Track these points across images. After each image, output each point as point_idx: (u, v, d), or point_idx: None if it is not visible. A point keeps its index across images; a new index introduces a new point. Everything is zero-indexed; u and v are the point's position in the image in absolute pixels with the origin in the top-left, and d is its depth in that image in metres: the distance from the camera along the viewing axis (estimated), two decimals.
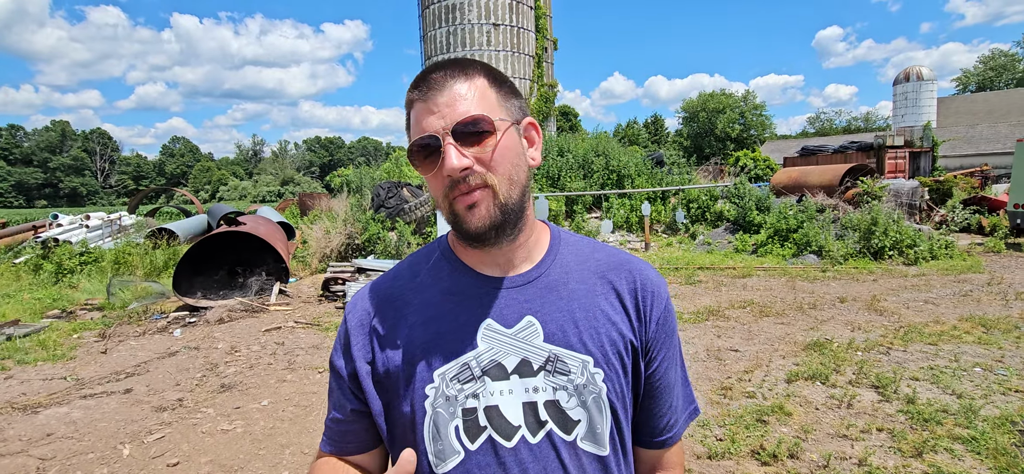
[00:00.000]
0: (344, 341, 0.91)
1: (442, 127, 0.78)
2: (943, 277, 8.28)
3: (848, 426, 3.59)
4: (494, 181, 0.79)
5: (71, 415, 4.29)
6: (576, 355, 0.84)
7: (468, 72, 0.82)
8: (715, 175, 21.66)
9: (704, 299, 7.42)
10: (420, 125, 0.81)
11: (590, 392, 0.84)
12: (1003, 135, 28.47)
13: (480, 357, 0.84)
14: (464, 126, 0.78)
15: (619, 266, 0.92)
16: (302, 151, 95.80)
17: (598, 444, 0.84)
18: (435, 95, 0.80)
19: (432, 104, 0.80)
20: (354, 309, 0.92)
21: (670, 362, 0.93)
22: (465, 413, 0.82)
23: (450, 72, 0.81)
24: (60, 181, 78.93)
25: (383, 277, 0.95)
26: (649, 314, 0.90)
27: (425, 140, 0.79)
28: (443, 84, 0.80)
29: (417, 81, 0.83)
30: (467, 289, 0.88)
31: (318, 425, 4.01)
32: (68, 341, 6.47)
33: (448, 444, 0.82)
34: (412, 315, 0.88)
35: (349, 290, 7.60)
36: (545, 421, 0.82)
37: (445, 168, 0.78)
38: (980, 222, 12.65)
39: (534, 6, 24.16)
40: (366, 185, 14.79)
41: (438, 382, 0.83)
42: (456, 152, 0.77)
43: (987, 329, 5.53)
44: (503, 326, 0.85)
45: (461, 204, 0.80)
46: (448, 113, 0.79)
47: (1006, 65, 51.96)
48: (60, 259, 10.27)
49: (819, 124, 63.80)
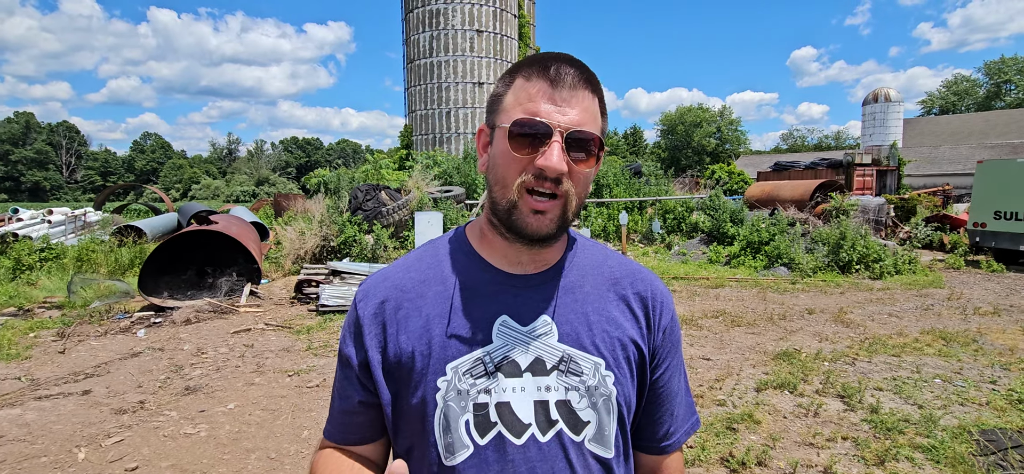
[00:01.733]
0: (355, 329, 0.89)
1: (560, 123, 0.77)
2: (906, 291, 8.55)
3: (814, 434, 3.66)
4: (570, 199, 0.80)
5: (24, 417, 4.10)
6: (589, 357, 0.85)
7: (594, 86, 0.82)
8: (691, 187, 22.03)
9: (678, 308, 7.52)
10: (535, 104, 0.78)
11: (601, 394, 0.84)
12: (964, 156, 29.70)
13: (494, 353, 0.84)
14: (579, 138, 0.78)
15: (631, 275, 0.94)
16: (279, 151, 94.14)
17: (605, 446, 0.85)
18: (562, 88, 0.79)
19: (557, 95, 0.78)
20: (366, 298, 0.90)
21: (674, 371, 0.95)
22: (476, 408, 0.82)
23: (580, 75, 0.80)
24: (22, 174, 75.87)
25: (395, 267, 0.94)
26: (657, 323, 0.92)
27: (539, 125, 0.78)
28: (574, 84, 0.79)
29: (544, 61, 0.81)
30: (484, 284, 0.87)
31: (286, 430, 3.92)
32: (24, 340, 6.20)
33: (458, 438, 0.81)
34: (427, 307, 0.87)
35: (323, 293, 7.47)
36: (556, 420, 0.83)
37: (545, 161, 0.77)
38: (942, 239, 13.13)
39: (517, 14, 24.32)
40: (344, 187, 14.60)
41: (451, 375, 0.83)
42: (562, 154, 0.77)
43: (947, 342, 5.72)
44: (519, 323, 0.85)
45: (532, 203, 0.79)
46: (572, 115, 0.78)
47: (968, 90, 54.25)
48: (18, 255, 9.86)
49: (792, 141, 65.55)
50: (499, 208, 0.83)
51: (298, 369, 5.19)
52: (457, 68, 23.21)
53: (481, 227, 0.92)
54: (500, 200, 0.82)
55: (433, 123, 24.00)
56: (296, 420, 4.07)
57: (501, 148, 0.81)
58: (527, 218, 0.80)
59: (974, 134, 35.65)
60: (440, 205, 12.41)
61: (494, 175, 0.83)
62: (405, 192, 13.34)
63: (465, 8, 22.68)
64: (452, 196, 13.23)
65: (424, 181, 14.03)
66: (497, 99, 0.85)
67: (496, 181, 0.83)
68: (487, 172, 0.86)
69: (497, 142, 0.82)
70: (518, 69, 0.83)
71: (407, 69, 24.78)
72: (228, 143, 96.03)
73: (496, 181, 0.83)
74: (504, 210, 0.82)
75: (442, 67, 23.41)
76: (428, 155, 19.42)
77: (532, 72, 0.80)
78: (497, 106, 0.84)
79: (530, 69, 0.81)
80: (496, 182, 0.83)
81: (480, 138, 0.89)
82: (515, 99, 0.81)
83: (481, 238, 0.91)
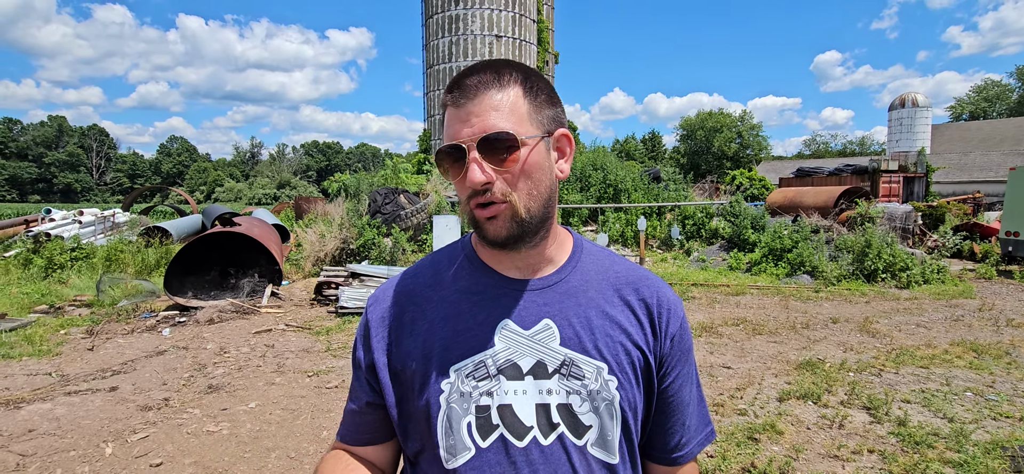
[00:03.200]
0: (364, 333, 0.93)
1: (469, 136, 0.79)
2: (935, 301, 8.31)
3: (839, 447, 3.57)
4: (514, 197, 0.80)
5: (54, 411, 4.22)
6: (591, 361, 0.85)
7: (503, 80, 0.81)
8: (711, 193, 21.76)
9: (698, 315, 7.42)
10: (450, 130, 0.81)
11: (603, 398, 0.84)
12: (996, 163, 28.80)
13: (496, 356, 0.85)
14: (490, 139, 0.78)
15: (637, 281, 0.93)
16: (300, 155, 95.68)
17: (608, 451, 0.85)
18: (467, 102, 0.80)
19: (462, 111, 0.80)
20: (376, 303, 0.94)
21: (685, 380, 0.94)
22: (478, 410, 0.83)
23: (484, 78, 0.80)
24: (54, 177, 78.41)
25: (404, 274, 0.96)
26: (665, 330, 0.90)
27: (453, 149, 0.80)
28: (476, 91, 0.80)
29: (452, 84, 0.82)
30: (487, 289, 0.89)
31: (305, 430, 3.97)
32: (55, 337, 6.39)
33: (460, 440, 0.82)
34: (432, 311, 0.89)
35: (342, 295, 7.55)
36: (557, 424, 0.83)
37: (466, 181, 0.79)
38: (972, 248, 12.74)
39: (536, 19, 24.38)
40: (363, 190, 14.76)
41: (454, 378, 0.84)
42: (478, 167, 0.78)
43: (978, 354, 5.54)
44: (521, 327, 0.86)
45: (481, 214, 0.81)
46: (477, 123, 0.79)
47: (999, 95, 52.66)
48: (51, 254, 10.17)
49: (815, 146, 64.38)
50: (470, 226, 0.87)
51: (317, 370, 5.25)
52: None
53: None
54: (468, 219, 0.86)
55: None
56: (315, 420, 4.12)
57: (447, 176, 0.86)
58: (485, 226, 0.82)
59: (1006, 140, 34.55)
60: (458, 209, 12.47)
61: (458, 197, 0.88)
62: (424, 196, 13.43)
63: (484, 13, 22.81)
64: None
65: (442, 185, 14.11)
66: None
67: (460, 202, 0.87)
68: None
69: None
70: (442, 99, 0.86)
71: (426, 74, 25.01)
72: (251, 147, 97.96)
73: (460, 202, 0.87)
74: (472, 226, 0.85)
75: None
76: None
77: (446, 99, 0.83)
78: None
79: (445, 96, 0.83)
80: (460, 203, 0.87)
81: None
82: (444, 129, 0.85)
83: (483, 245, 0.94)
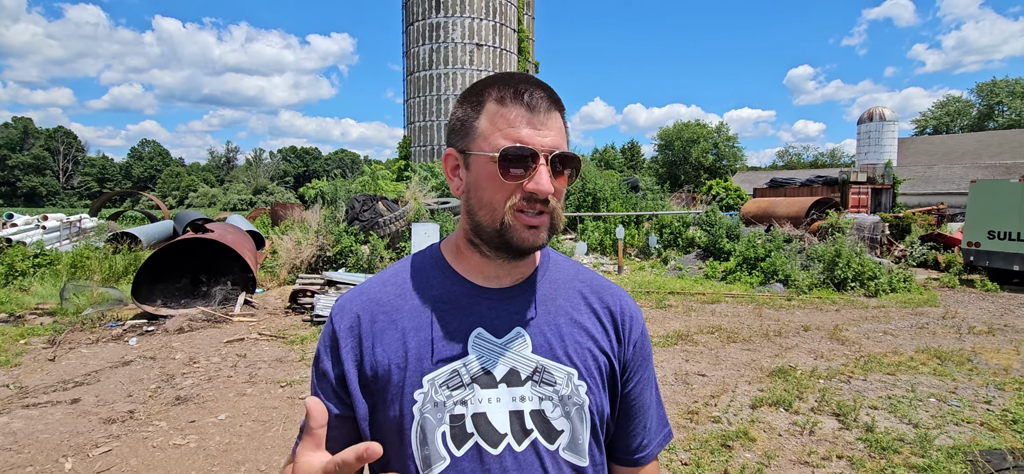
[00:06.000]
0: (331, 344, 0.89)
1: (544, 147, 0.81)
2: (901, 309, 8.57)
3: (809, 453, 3.64)
4: (557, 213, 0.85)
5: (11, 425, 4.05)
6: (562, 367, 0.87)
7: (561, 106, 0.86)
8: (688, 202, 22.10)
9: (674, 323, 7.50)
10: (516, 130, 0.81)
11: (574, 403, 0.86)
12: (958, 176, 29.91)
13: (470, 365, 0.85)
14: (563, 156, 0.82)
15: (601, 289, 0.96)
16: (277, 160, 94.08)
17: (578, 455, 0.87)
18: (538, 113, 0.82)
19: (535, 119, 0.82)
20: (342, 312, 0.90)
21: (645, 384, 0.97)
22: (453, 419, 0.83)
23: (550, 98, 0.84)
24: (18, 180, 75.56)
25: (371, 282, 0.94)
26: (628, 336, 0.94)
27: (526, 151, 0.80)
28: (547, 108, 0.83)
29: (515, 86, 0.83)
30: (458, 298, 0.89)
31: (277, 442, 3.88)
32: (14, 347, 6.13)
33: (435, 450, 0.82)
34: (403, 321, 0.88)
35: (317, 303, 7.43)
36: (531, 430, 0.84)
37: (536, 185, 0.80)
38: (936, 258, 13.18)
39: (517, 29, 24.52)
40: (341, 197, 14.59)
41: (427, 388, 0.84)
42: (548, 176, 0.81)
43: (942, 361, 5.72)
44: (494, 335, 0.87)
45: (524, 219, 0.82)
46: (549, 137, 0.82)
47: (961, 110, 54.74)
48: (12, 260, 9.79)
49: (788, 158, 65.93)
50: (486, 229, 0.84)
51: (291, 380, 5.15)
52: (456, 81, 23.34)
53: (456, 243, 0.93)
54: (487, 222, 0.84)
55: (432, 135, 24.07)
56: (287, 432, 4.03)
57: (486, 172, 0.83)
58: (523, 233, 0.82)
59: (968, 154, 35.95)
60: (437, 216, 12.41)
61: (478, 199, 0.85)
62: (402, 203, 13.34)
63: (465, 22, 22.86)
64: (449, 207, 13.24)
65: (421, 192, 14.04)
66: (467, 123, 0.85)
67: (481, 205, 0.84)
68: (467, 195, 0.87)
69: (480, 167, 0.83)
70: (485, 93, 0.84)
71: (407, 81, 24.90)
72: (226, 151, 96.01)
73: (481, 205, 0.84)
74: (494, 230, 0.83)
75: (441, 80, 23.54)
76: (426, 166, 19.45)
77: (505, 97, 0.82)
78: (469, 131, 0.85)
79: (502, 94, 0.82)
80: (481, 206, 0.84)
81: (448, 162, 0.89)
82: (492, 125, 0.82)
83: (456, 254, 0.93)
